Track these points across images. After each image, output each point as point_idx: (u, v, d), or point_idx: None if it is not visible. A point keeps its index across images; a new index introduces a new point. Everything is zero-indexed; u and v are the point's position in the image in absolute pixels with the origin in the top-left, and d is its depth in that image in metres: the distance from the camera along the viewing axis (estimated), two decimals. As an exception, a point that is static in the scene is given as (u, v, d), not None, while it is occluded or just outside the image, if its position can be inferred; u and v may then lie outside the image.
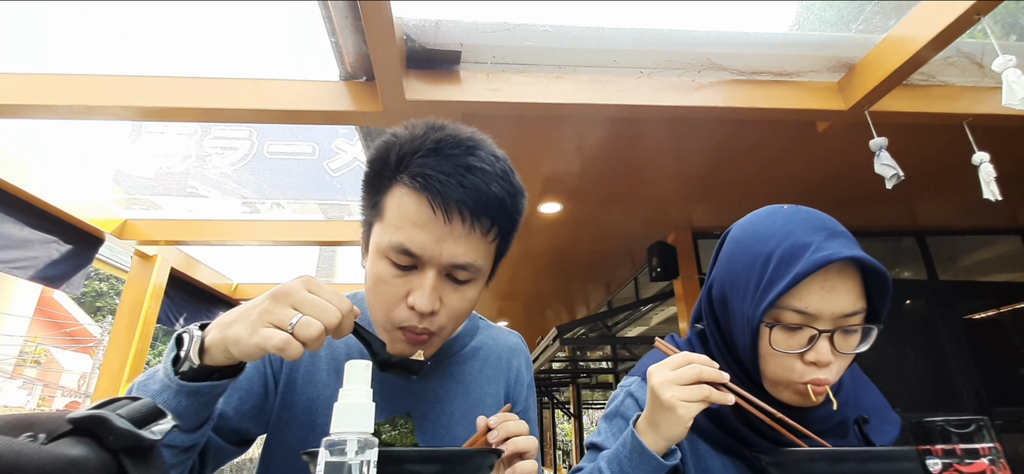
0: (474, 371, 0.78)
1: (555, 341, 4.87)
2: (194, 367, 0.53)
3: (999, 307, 3.56)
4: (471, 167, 0.60)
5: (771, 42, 1.82)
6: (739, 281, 0.67)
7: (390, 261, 0.62)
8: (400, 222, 0.60)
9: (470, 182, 0.59)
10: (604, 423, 0.78)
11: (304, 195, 3.08)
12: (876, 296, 0.64)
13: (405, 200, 0.61)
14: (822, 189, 2.88)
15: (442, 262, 0.60)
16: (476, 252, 0.62)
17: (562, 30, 1.75)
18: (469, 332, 0.80)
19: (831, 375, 0.63)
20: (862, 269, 0.63)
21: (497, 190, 0.61)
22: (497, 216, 0.62)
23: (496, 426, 0.59)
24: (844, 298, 0.61)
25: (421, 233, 0.59)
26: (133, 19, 70.76)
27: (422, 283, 0.61)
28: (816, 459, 0.61)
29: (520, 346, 0.86)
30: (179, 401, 0.53)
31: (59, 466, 0.34)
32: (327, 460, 0.42)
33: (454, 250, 0.60)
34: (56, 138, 3.61)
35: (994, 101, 1.90)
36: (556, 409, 12.20)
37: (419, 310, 0.61)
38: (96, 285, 18.66)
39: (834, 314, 0.61)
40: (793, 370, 0.63)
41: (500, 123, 2.14)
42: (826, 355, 0.62)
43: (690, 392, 0.59)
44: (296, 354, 0.51)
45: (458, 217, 0.59)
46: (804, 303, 0.61)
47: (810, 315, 0.62)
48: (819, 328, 0.61)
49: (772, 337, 0.64)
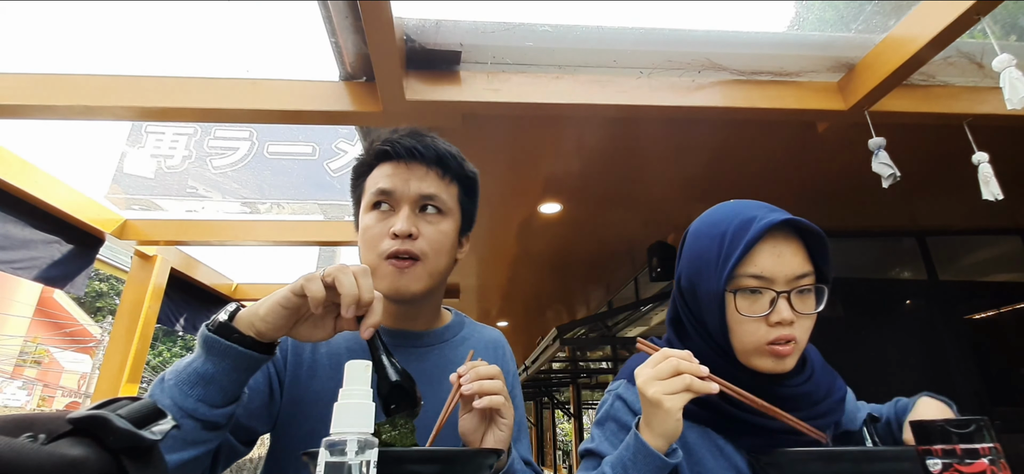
0: (463, 356, 0.85)
1: (555, 341, 4.87)
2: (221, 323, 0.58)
3: (999, 307, 3.56)
4: (420, 134, 0.80)
5: (771, 42, 1.82)
6: (702, 263, 0.75)
7: (374, 211, 0.78)
8: (376, 179, 0.79)
9: (422, 140, 0.79)
10: (596, 430, 0.80)
11: (304, 195, 3.08)
12: (820, 259, 0.73)
13: (378, 169, 0.80)
14: (822, 189, 2.88)
15: (411, 195, 0.77)
16: (438, 187, 0.79)
17: (562, 30, 1.75)
18: (457, 325, 0.90)
19: (796, 332, 0.69)
20: (803, 237, 0.72)
21: (444, 148, 0.80)
22: (448, 165, 0.80)
23: (466, 372, 0.65)
24: (792, 260, 0.70)
25: (392, 178, 0.77)
26: (133, 19, 71.00)
27: (399, 214, 0.76)
28: (812, 459, 0.62)
29: (502, 339, 0.95)
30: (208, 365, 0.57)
31: (59, 466, 0.34)
32: (327, 460, 0.42)
33: (419, 185, 0.77)
34: (56, 138, 3.62)
35: (994, 101, 1.90)
36: (556, 409, 12.20)
37: (399, 232, 0.74)
38: (96, 285, 18.67)
39: (787, 276, 0.69)
40: (760, 332, 0.70)
41: (500, 123, 2.14)
42: (787, 313, 0.68)
43: (672, 384, 0.62)
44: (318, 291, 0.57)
45: (416, 161, 0.78)
46: (759, 268, 0.70)
47: (766, 278, 0.69)
48: (776, 290, 0.69)
49: (737, 303, 0.71)
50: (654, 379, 0.63)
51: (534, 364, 6.27)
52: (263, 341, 0.59)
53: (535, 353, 6.05)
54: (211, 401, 0.57)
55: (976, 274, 3.88)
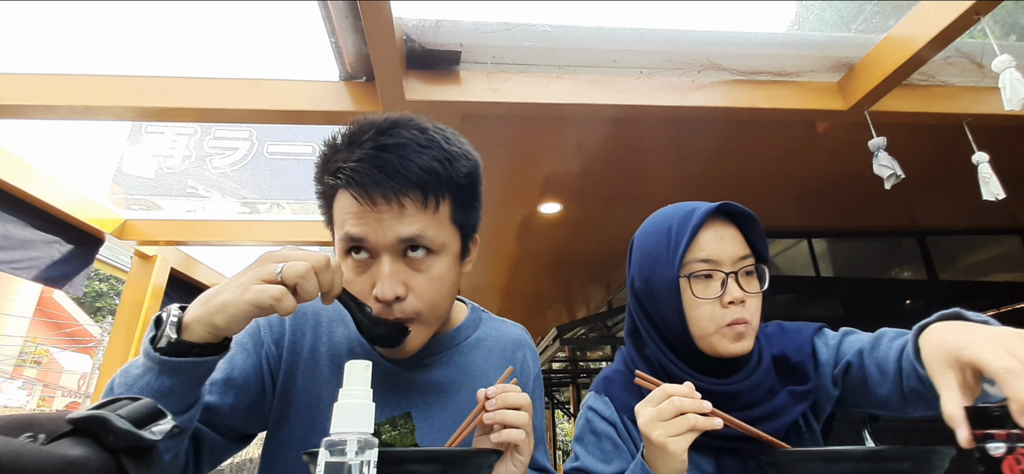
0: (479, 361, 0.77)
1: (555, 341, 4.87)
2: (172, 342, 0.53)
3: (999, 307, 3.55)
4: (384, 146, 0.61)
5: (771, 42, 1.82)
6: (654, 258, 0.78)
7: (350, 258, 0.64)
8: (342, 219, 0.63)
9: (385, 161, 0.60)
10: (577, 447, 0.80)
11: (304, 195, 3.08)
12: (756, 240, 0.77)
13: (340, 200, 0.63)
14: (822, 189, 2.88)
15: (388, 243, 0.61)
16: (420, 224, 0.61)
17: (562, 30, 1.75)
18: (472, 323, 0.81)
19: (748, 313, 0.73)
20: (738, 222, 0.77)
21: (421, 160, 0.61)
22: (429, 185, 0.61)
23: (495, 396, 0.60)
24: (733, 244, 0.75)
25: (360, 223, 0.61)
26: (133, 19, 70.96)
27: (380, 271, 0.62)
28: (812, 459, 0.62)
29: (525, 338, 0.85)
30: (161, 381, 0.53)
31: (59, 466, 0.34)
32: (327, 460, 0.42)
33: (396, 228, 0.60)
34: (56, 138, 3.62)
35: (994, 101, 1.90)
36: (556, 409, 12.21)
37: (383, 299, 0.61)
38: (96, 285, 18.67)
39: (731, 258, 0.74)
40: (716, 314, 0.73)
41: (500, 123, 2.14)
42: (738, 292, 0.73)
43: (676, 426, 0.61)
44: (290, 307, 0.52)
45: (382, 199, 0.60)
46: (705, 252, 0.74)
47: (713, 261, 0.74)
48: (725, 271, 0.74)
49: (693, 288, 0.74)
50: (657, 421, 0.61)
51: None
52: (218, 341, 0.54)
53: (535, 353, 6.06)
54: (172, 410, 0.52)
55: (976, 274, 3.88)
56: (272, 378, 0.71)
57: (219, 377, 0.68)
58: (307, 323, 0.74)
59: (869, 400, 0.75)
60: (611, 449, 0.77)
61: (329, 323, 0.75)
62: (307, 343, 0.73)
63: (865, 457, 0.59)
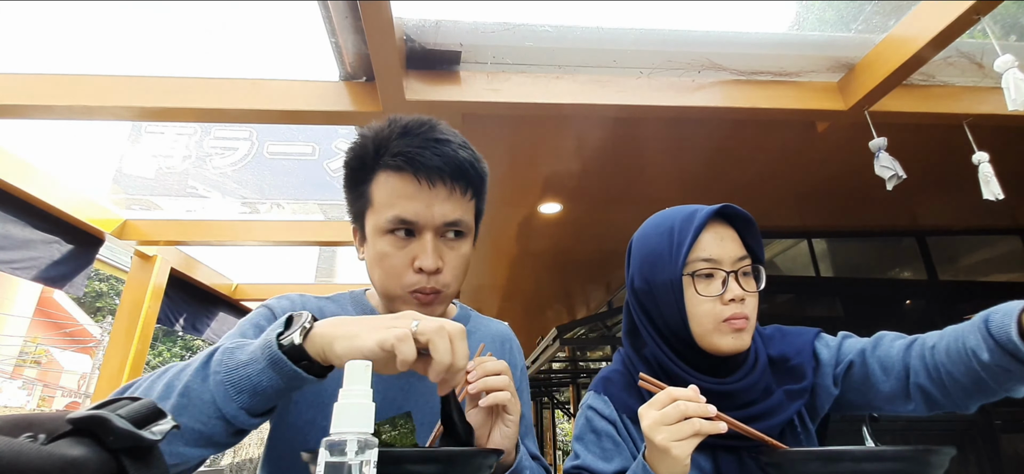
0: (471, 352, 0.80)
1: (555, 341, 4.87)
2: (295, 346, 0.52)
3: (999, 307, 3.55)
4: (438, 139, 0.70)
5: (771, 42, 1.82)
6: (655, 258, 0.80)
7: (391, 236, 0.70)
8: (392, 199, 0.69)
9: (441, 151, 0.69)
10: (577, 446, 0.81)
11: (304, 195, 3.08)
12: (752, 242, 0.80)
13: (391, 181, 0.70)
14: (822, 189, 2.88)
15: (435, 223, 0.70)
16: (461, 209, 0.72)
17: (562, 30, 1.75)
18: (462, 320, 0.86)
19: (747, 310, 0.76)
20: (734, 224, 0.80)
21: (464, 155, 0.72)
22: (470, 178, 0.72)
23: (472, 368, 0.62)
24: (732, 245, 0.78)
25: (412, 203, 0.69)
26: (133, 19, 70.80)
27: (424, 246, 0.70)
28: (812, 459, 0.62)
29: (510, 334, 0.91)
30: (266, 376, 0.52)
31: (59, 466, 0.34)
32: (327, 460, 0.42)
33: (443, 210, 0.70)
34: (56, 138, 3.62)
35: (994, 101, 1.90)
36: (556, 409, 12.19)
37: (427, 269, 0.69)
38: (96, 285, 18.67)
39: (730, 258, 0.77)
40: (717, 311, 0.75)
41: (500, 123, 2.14)
42: (738, 291, 0.75)
43: (680, 430, 0.61)
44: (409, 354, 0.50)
45: (440, 182, 0.69)
46: (707, 252, 0.77)
47: (715, 261, 0.76)
48: (726, 270, 0.76)
49: (696, 286, 0.76)
50: (661, 425, 0.61)
51: (534, 364, 6.27)
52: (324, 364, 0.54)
53: (535, 353, 6.05)
54: (254, 410, 0.53)
55: (976, 274, 3.88)
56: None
57: None
58: None
59: (870, 397, 0.78)
60: (611, 447, 0.78)
61: None
62: None
63: (865, 457, 0.59)
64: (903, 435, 3.00)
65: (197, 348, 19.23)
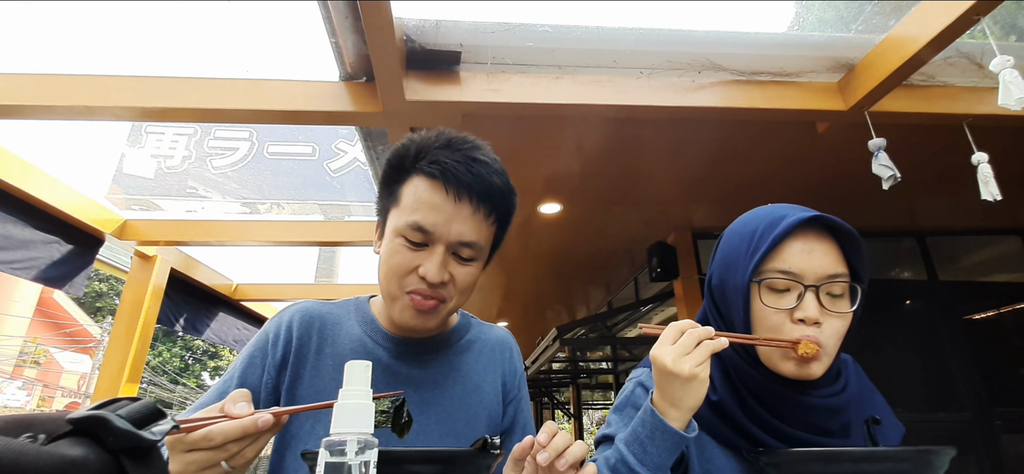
0: (471, 360, 0.83)
1: (555, 341, 4.87)
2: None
3: (999, 307, 3.56)
4: (476, 159, 0.71)
5: (771, 42, 1.82)
6: (732, 259, 0.73)
7: (404, 239, 0.71)
8: (416, 205, 0.70)
9: (476, 171, 0.70)
10: (614, 415, 0.79)
11: (304, 195, 3.08)
12: (855, 260, 0.70)
13: (421, 186, 0.71)
14: (822, 189, 2.88)
15: (450, 239, 0.70)
16: (479, 232, 0.72)
17: (562, 30, 1.75)
18: (464, 327, 0.87)
19: (822, 336, 0.66)
20: (837, 237, 0.70)
21: (497, 181, 0.72)
22: (496, 203, 0.72)
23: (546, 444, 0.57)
24: (823, 259, 0.67)
25: (434, 214, 0.69)
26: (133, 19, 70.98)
27: (432, 257, 0.70)
28: (812, 459, 0.62)
29: (510, 339, 0.92)
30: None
31: (59, 466, 0.34)
32: (327, 460, 0.42)
33: (461, 229, 0.70)
34: (56, 138, 3.62)
35: (994, 101, 1.88)
36: (556, 409, 12.20)
37: (430, 281, 0.70)
38: (96, 285, 18.66)
39: (817, 273, 0.67)
40: (783, 330, 0.67)
41: (500, 123, 2.14)
42: (813, 310, 0.66)
43: (699, 354, 0.61)
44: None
45: (466, 199, 0.70)
46: (787, 264, 0.68)
47: (793, 275, 0.67)
48: (805, 284, 0.67)
49: (761, 295, 0.69)
50: (682, 356, 0.61)
51: (534, 364, 6.27)
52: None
53: (535, 353, 6.05)
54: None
55: (976, 274, 3.88)
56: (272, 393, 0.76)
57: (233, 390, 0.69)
58: (313, 328, 0.79)
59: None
60: None
61: (333, 327, 0.80)
62: (313, 346, 0.78)
63: (865, 458, 0.59)
64: (903, 436, 3.00)
65: (197, 348, 19.23)
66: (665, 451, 0.62)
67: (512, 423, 0.85)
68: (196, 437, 0.49)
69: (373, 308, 0.84)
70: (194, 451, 0.49)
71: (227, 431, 0.49)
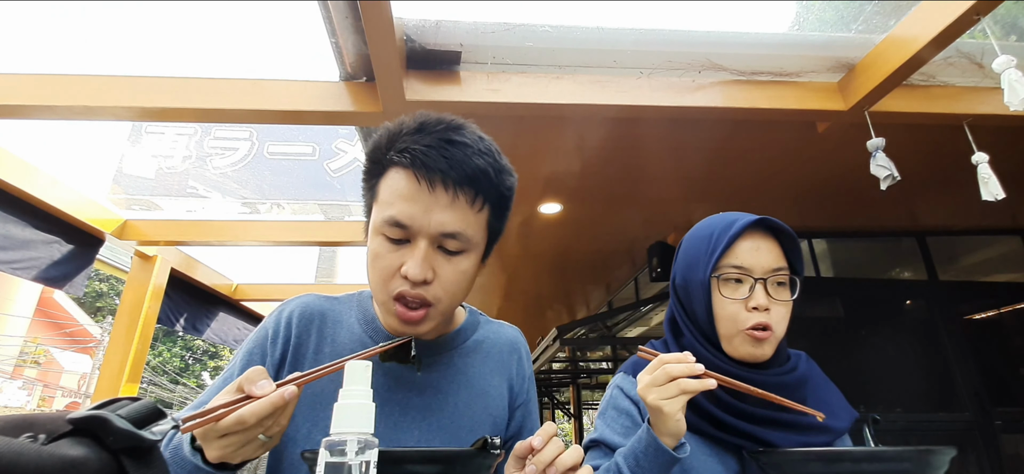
0: (477, 364, 0.80)
1: (555, 341, 4.87)
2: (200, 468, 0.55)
3: (999, 307, 3.56)
4: (452, 141, 0.66)
5: (771, 42, 1.82)
6: (693, 259, 0.85)
7: (385, 237, 0.66)
8: (391, 198, 0.65)
9: (450, 153, 0.64)
10: (599, 420, 0.87)
11: (304, 195, 3.08)
12: (793, 256, 0.83)
13: (394, 178, 0.66)
14: (822, 189, 2.88)
15: (431, 231, 0.65)
16: (464, 221, 0.66)
17: (562, 30, 1.75)
18: (471, 327, 0.83)
19: (772, 321, 0.78)
20: (778, 236, 0.83)
21: (480, 162, 0.66)
22: (481, 186, 0.66)
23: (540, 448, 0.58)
24: (768, 255, 0.80)
25: (409, 205, 0.64)
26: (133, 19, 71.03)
27: (413, 253, 0.65)
28: (812, 459, 0.62)
29: (520, 340, 0.88)
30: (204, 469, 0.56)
31: (59, 466, 0.34)
32: (327, 460, 0.42)
33: (442, 218, 0.64)
34: (56, 138, 3.63)
35: (994, 101, 1.90)
36: (556, 409, 12.20)
37: (411, 278, 0.64)
38: (96, 285, 18.66)
39: (763, 267, 0.80)
40: (740, 317, 0.79)
41: (500, 123, 2.14)
42: (762, 299, 0.78)
43: (668, 390, 0.67)
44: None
45: (441, 186, 0.64)
46: (739, 260, 0.80)
47: (745, 269, 0.80)
48: (755, 277, 0.79)
49: (720, 288, 0.81)
50: (652, 387, 0.68)
51: (534, 364, 6.27)
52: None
53: (535, 353, 6.06)
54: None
55: (976, 274, 3.88)
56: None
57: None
58: (313, 325, 0.77)
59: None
60: (629, 424, 0.83)
61: (334, 324, 0.78)
62: (312, 344, 0.76)
63: (865, 457, 0.59)
64: (903, 436, 3.00)
65: (197, 348, 19.23)
66: (657, 467, 0.68)
67: (520, 428, 0.82)
68: (229, 423, 0.50)
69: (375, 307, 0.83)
70: (229, 436, 0.51)
71: (259, 410, 0.50)
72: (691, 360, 0.68)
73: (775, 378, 0.79)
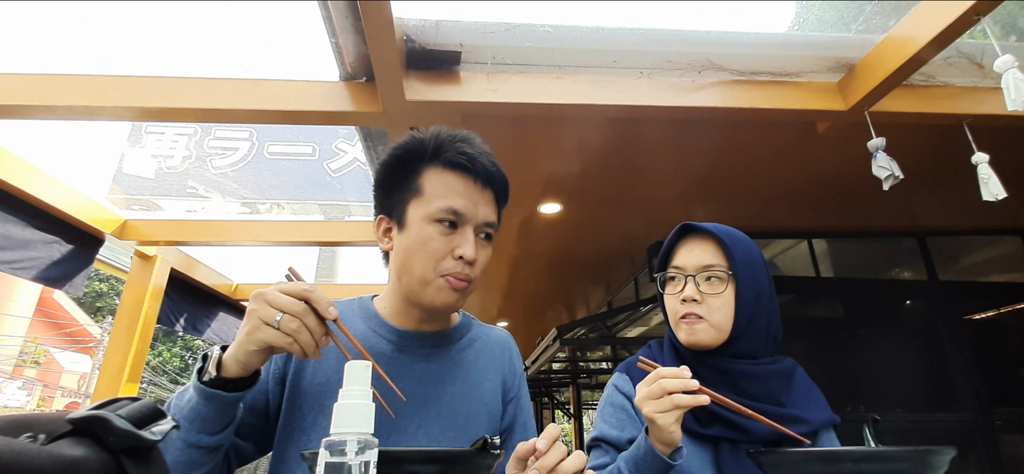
0: (472, 358, 0.87)
1: (555, 341, 4.87)
2: (213, 378, 0.64)
3: (999, 307, 3.56)
4: (487, 154, 0.82)
5: (771, 42, 1.82)
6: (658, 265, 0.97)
7: (438, 224, 0.77)
8: (446, 192, 0.77)
9: (490, 160, 0.81)
10: (598, 418, 0.93)
11: (304, 195, 3.08)
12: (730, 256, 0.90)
13: (445, 176, 0.78)
14: (822, 189, 2.88)
15: (478, 220, 0.79)
16: (495, 214, 0.82)
17: (562, 30, 1.75)
18: (466, 326, 0.90)
19: (703, 310, 0.87)
20: (716, 238, 0.91)
21: (499, 170, 0.83)
22: (501, 188, 0.83)
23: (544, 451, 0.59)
24: (701, 255, 0.91)
25: (464, 199, 0.78)
26: (133, 19, 71.07)
27: (466, 237, 0.78)
28: (812, 459, 0.62)
29: (510, 340, 0.96)
30: (205, 406, 0.64)
31: (59, 466, 0.34)
32: (327, 460, 0.42)
33: (486, 211, 0.80)
34: (56, 138, 3.63)
35: (994, 101, 1.90)
36: (556, 409, 12.20)
37: (467, 258, 0.77)
38: (96, 285, 18.66)
39: (695, 265, 0.90)
40: (676, 309, 0.91)
41: (500, 123, 2.14)
42: (690, 291, 0.89)
43: (662, 404, 0.71)
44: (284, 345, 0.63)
45: (488, 187, 0.80)
46: (677, 261, 0.93)
47: (680, 268, 0.92)
48: (685, 274, 0.91)
49: (665, 286, 0.95)
50: (647, 399, 0.73)
51: (534, 364, 6.27)
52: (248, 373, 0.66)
53: (535, 353, 6.05)
54: (210, 430, 0.65)
55: (976, 274, 3.88)
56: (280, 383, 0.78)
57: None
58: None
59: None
60: (625, 418, 0.90)
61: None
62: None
63: (865, 457, 0.59)
64: (903, 436, 3.00)
65: (197, 348, 19.23)
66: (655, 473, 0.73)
67: (512, 422, 0.88)
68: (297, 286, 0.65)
69: (376, 306, 0.86)
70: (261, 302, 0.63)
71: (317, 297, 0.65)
72: (687, 375, 0.72)
73: (739, 367, 0.86)
